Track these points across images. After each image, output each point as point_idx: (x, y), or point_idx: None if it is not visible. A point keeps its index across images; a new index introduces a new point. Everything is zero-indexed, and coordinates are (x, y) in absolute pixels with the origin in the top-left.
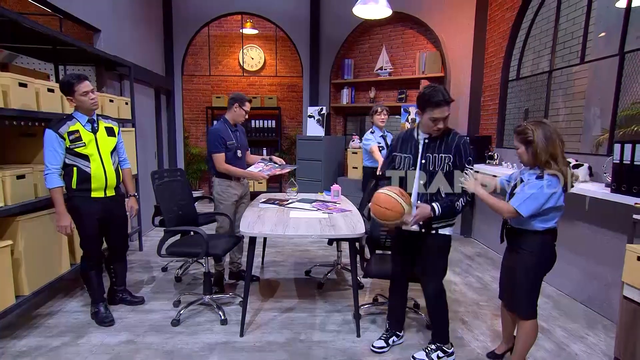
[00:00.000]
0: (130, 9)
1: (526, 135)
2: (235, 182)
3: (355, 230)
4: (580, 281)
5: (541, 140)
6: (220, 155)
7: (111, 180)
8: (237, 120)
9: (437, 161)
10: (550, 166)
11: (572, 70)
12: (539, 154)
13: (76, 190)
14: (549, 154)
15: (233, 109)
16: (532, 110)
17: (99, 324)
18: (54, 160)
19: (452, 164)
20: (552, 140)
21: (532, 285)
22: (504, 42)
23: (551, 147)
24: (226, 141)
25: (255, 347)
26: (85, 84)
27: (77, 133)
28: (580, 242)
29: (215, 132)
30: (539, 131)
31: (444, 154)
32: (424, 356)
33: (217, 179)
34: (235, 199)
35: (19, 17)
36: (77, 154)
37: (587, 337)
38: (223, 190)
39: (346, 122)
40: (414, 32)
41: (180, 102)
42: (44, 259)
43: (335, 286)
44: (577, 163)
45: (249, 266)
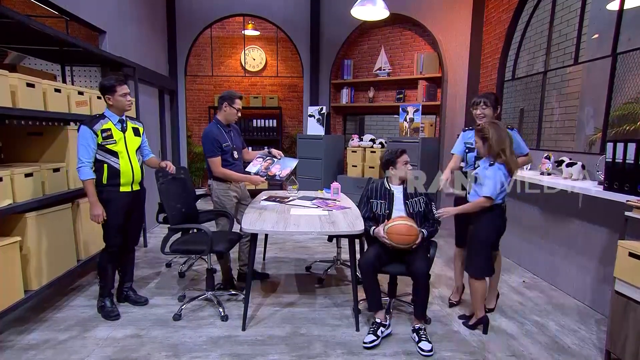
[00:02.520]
0: (135, 11)
1: (483, 133)
2: (234, 184)
3: (354, 227)
4: (573, 276)
5: (494, 137)
6: (216, 160)
7: (137, 176)
8: (229, 120)
9: (415, 204)
10: (500, 156)
11: (566, 71)
12: (492, 147)
13: (106, 185)
14: (499, 148)
15: (223, 108)
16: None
17: (105, 318)
18: (87, 155)
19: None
20: (502, 138)
21: (485, 251)
22: (500, 44)
23: (501, 143)
24: (221, 143)
25: (257, 340)
26: (125, 87)
27: (109, 131)
28: (574, 239)
29: (209, 135)
30: (492, 131)
31: (417, 197)
32: (428, 345)
33: (215, 182)
34: (235, 201)
35: (27, 20)
36: (107, 151)
37: (580, 331)
38: (222, 193)
39: (346, 121)
40: (412, 34)
41: (183, 102)
42: (52, 255)
43: (335, 282)
44: (571, 161)
45: (251, 262)
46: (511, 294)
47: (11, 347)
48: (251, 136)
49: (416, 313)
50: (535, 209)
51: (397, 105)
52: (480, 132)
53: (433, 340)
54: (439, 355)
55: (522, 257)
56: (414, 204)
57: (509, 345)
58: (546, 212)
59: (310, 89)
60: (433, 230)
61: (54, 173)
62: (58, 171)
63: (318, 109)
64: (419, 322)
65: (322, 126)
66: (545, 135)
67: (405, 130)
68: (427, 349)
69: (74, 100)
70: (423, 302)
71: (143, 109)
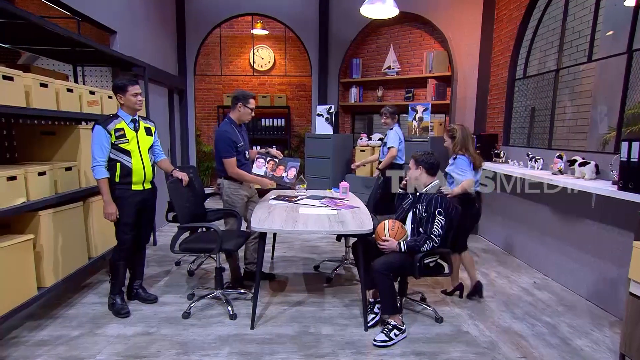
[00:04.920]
0: (145, 11)
1: (452, 133)
2: (245, 184)
3: (363, 227)
4: (587, 278)
5: (460, 136)
6: (232, 160)
7: (148, 175)
8: (242, 120)
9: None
10: (464, 152)
11: (579, 69)
12: (457, 144)
13: (119, 184)
14: (464, 146)
15: (237, 108)
16: (538, 108)
17: (116, 315)
18: (101, 154)
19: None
20: (467, 138)
21: (466, 234)
22: (511, 41)
23: (466, 142)
24: (237, 144)
25: (266, 339)
26: (137, 87)
27: (122, 130)
28: (587, 240)
29: (225, 135)
30: (460, 131)
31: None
32: (384, 337)
33: (226, 181)
34: (245, 200)
35: (41, 21)
36: (120, 150)
37: (593, 333)
38: (233, 192)
39: (354, 120)
40: (422, 32)
41: (192, 101)
42: (64, 253)
43: (344, 281)
44: (584, 161)
45: (259, 260)
46: (522, 295)
47: (25, 343)
48: (259, 135)
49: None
50: (546, 209)
51: (406, 104)
52: (450, 131)
53: (442, 341)
54: (449, 356)
55: (532, 258)
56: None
57: (520, 346)
58: (558, 212)
59: (318, 88)
60: (414, 246)
61: (66, 172)
62: (70, 170)
63: (327, 107)
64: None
65: (331, 125)
66: (557, 135)
67: (414, 129)
68: (379, 339)
69: (85, 100)
70: (382, 297)
71: (153, 108)
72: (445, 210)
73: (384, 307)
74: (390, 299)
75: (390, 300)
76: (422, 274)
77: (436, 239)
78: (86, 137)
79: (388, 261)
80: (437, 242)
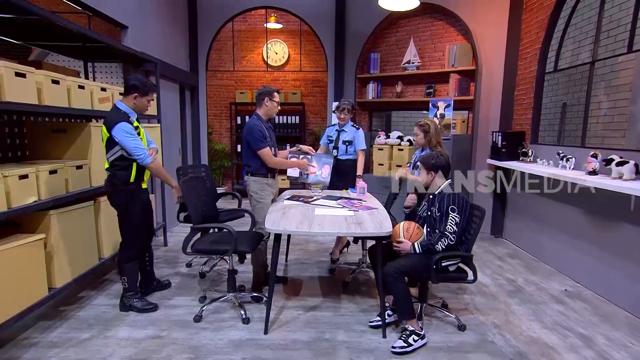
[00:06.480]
0: (156, 6)
1: (424, 127)
2: (272, 180)
3: (382, 229)
4: (624, 286)
5: (433, 131)
6: (267, 150)
7: (148, 173)
8: (270, 114)
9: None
10: (436, 147)
11: (617, 61)
12: (431, 140)
13: (133, 183)
14: (436, 141)
15: (264, 103)
16: (570, 104)
17: (141, 312)
18: (141, 143)
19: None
20: (439, 133)
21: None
22: (541, 32)
23: (438, 136)
24: (265, 137)
25: (280, 345)
26: (154, 94)
27: (138, 129)
28: (624, 245)
29: (255, 128)
30: (432, 126)
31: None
32: (402, 342)
33: (253, 178)
34: (272, 197)
35: (53, 16)
36: None
37: (632, 346)
38: (261, 188)
39: (372, 117)
40: (444, 24)
41: (204, 97)
42: (75, 253)
43: (361, 286)
44: (622, 160)
45: (273, 263)
46: (551, 303)
47: (36, 345)
48: None
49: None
50: (578, 212)
51: (426, 100)
52: (422, 126)
53: (465, 350)
54: None
55: (562, 263)
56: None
57: (551, 358)
58: (591, 214)
59: (334, 84)
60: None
61: (77, 170)
62: (81, 168)
63: None
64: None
65: None
66: (590, 132)
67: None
68: (398, 346)
69: (97, 97)
70: (396, 301)
71: (164, 105)
72: (459, 208)
73: (399, 311)
74: (404, 303)
75: (404, 303)
76: (440, 279)
77: (451, 237)
78: (97, 134)
79: (399, 263)
80: (453, 239)
